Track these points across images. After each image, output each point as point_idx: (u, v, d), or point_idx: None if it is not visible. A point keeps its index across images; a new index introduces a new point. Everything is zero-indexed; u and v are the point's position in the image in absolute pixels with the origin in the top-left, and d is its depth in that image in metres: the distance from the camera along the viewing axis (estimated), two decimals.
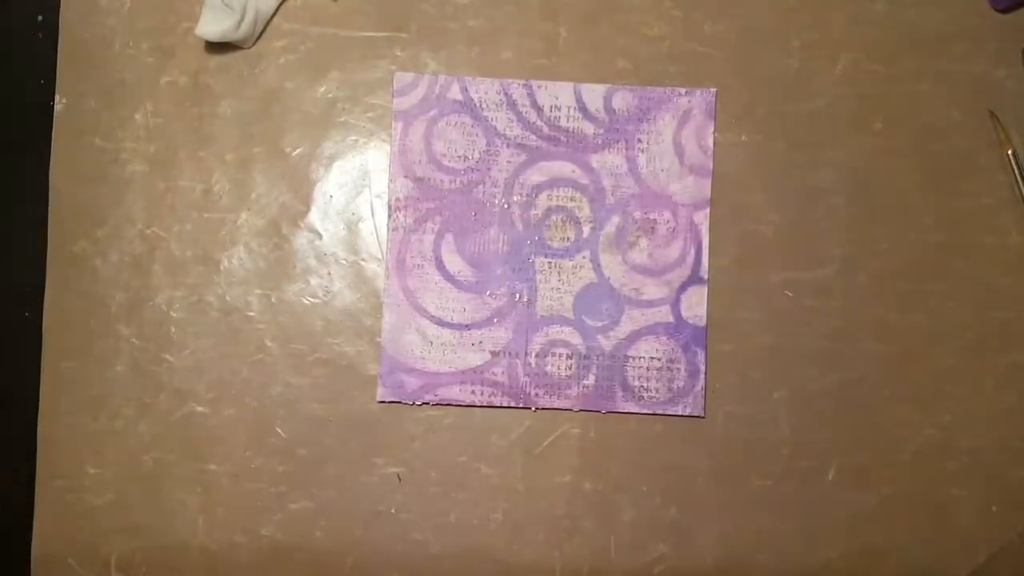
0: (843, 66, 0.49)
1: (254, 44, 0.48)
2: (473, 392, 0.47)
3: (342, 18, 0.49)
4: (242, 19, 0.46)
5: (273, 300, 0.47)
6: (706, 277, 0.47)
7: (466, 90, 0.48)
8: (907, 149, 0.48)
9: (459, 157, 0.47)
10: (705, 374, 0.47)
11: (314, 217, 0.48)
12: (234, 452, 0.46)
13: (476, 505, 0.47)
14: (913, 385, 0.48)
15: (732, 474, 0.47)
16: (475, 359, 0.47)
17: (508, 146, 0.47)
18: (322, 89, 0.48)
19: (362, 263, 0.48)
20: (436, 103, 0.48)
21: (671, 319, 0.47)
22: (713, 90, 0.48)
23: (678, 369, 0.47)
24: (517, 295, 0.47)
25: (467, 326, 0.47)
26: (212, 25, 0.46)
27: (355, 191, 0.48)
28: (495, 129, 0.47)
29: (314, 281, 0.47)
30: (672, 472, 0.47)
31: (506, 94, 0.48)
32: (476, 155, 0.47)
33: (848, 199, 0.48)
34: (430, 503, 0.47)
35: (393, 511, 0.46)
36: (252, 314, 0.47)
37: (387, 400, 0.46)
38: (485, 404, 0.47)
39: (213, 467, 0.46)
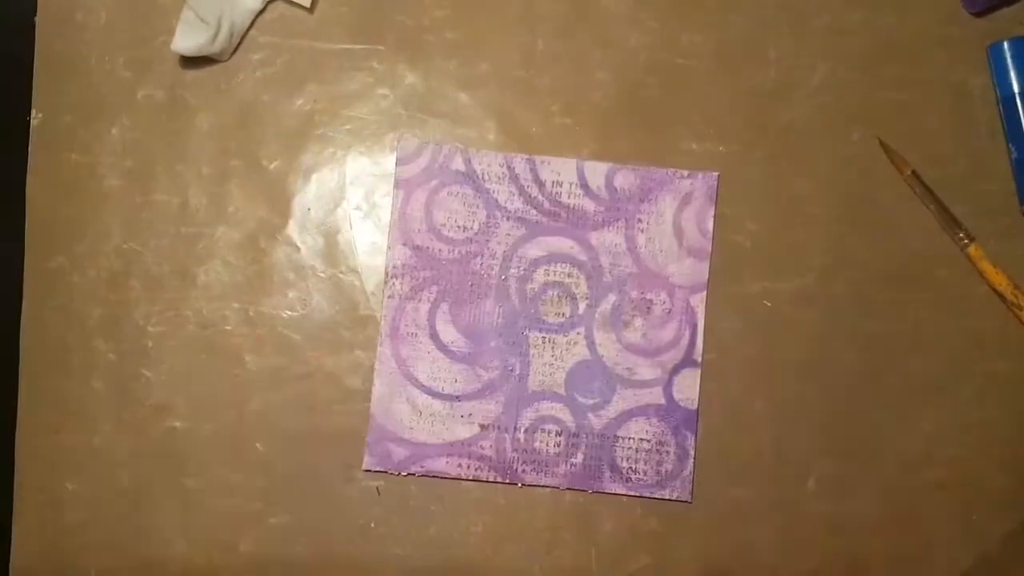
0: (821, 75, 0.49)
1: (230, 57, 0.48)
2: (460, 465, 0.46)
3: (319, 30, 0.48)
4: (217, 32, 0.46)
5: (251, 314, 0.47)
6: (700, 360, 0.47)
7: (469, 162, 0.47)
8: (885, 158, 0.48)
9: (459, 227, 0.47)
10: (694, 458, 0.47)
11: (292, 230, 0.48)
12: (212, 467, 0.46)
13: (456, 518, 0.47)
14: (892, 394, 0.48)
15: (712, 484, 0.47)
16: (464, 431, 0.46)
17: (508, 219, 0.47)
18: (299, 102, 0.48)
19: (340, 275, 0.48)
20: (439, 173, 0.48)
21: (663, 401, 0.47)
22: (715, 174, 0.48)
23: (667, 452, 0.47)
24: (510, 368, 0.47)
25: (457, 397, 0.47)
26: (187, 39, 0.46)
27: (333, 204, 0.48)
28: (496, 201, 0.47)
29: (292, 294, 0.47)
30: None
31: (509, 167, 0.47)
32: (476, 226, 0.47)
33: (826, 209, 0.48)
34: (410, 516, 0.46)
35: (373, 525, 0.46)
36: (229, 328, 0.47)
37: (373, 470, 0.46)
38: (471, 478, 0.46)
39: (191, 482, 0.46)
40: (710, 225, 0.48)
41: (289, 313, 0.47)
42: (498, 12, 0.49)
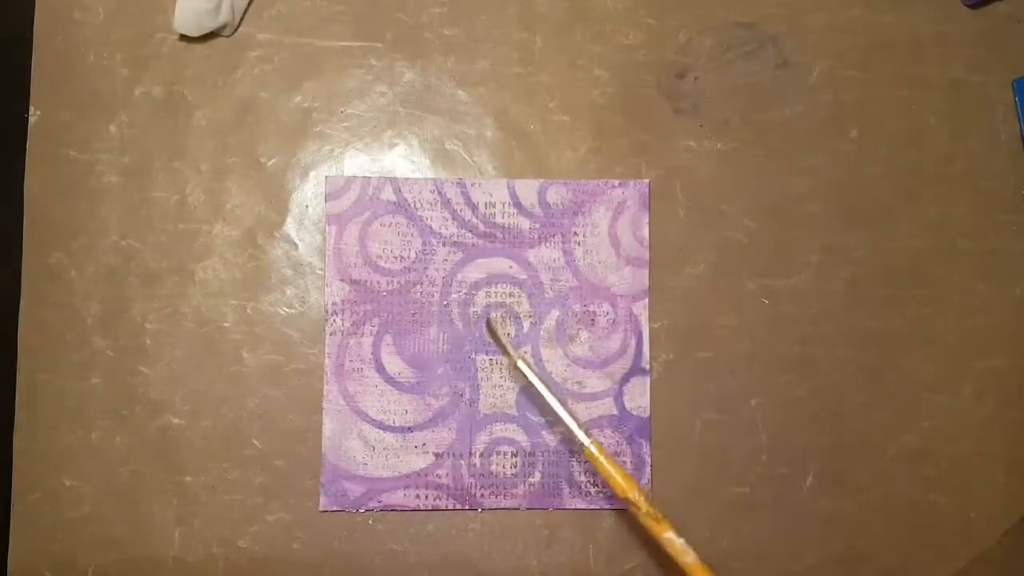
0: (819, 73, 0.49)
1: (234, 32, 0.48)
2: (418, 496, 0.46)
3: (317, 27, 0.48)
4: (219, 6, 0.46)
5: (249, 311, 0.47)
6: (648, 368, 0.47)
7: (399, 191, 0.47)
8: (883, 156, 0.48)
9: (395, 258, 0.47)
10: (651, 466, 0.47)
11: (290, 227, 0.48)
12: (210, 464, 0.46)
13: (454, 514, 0.47)
14: (890, 391, 0.47)
15: (709, 481, 0.47)
16: (419, 462, 0.46)
17: (444, 244, 0.47)
18: (297, 99, 0.48)
19: None
20: (370, 204, 0.47)
21: (615, 411, 0.47)
22: (646, 181, 0.48)
23: (624, 462, 0.47)
24: (459, 394, 0.47)
25: (409, 428, 0.46)
26: (188, 17, 0.46)
27: None
28: (430, 228, 0.47)
29: (290, 291, 0.47)
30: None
31: (440, 193, 0.47)
32: (412, 255, 0.47)
33: (824, 206, 0.48)
34: (408, 513, 0.46)
35: (371, 522, 0.46)
36: (227, 325, 0.47)
37: (330, 510, 0.46)
38: (430, 508, 0.46)
39: (189, 479, 0.46)
40: (646, 232, 0.48)
41: (287, 310, 0.47)
42: (496, 9, 0.49)
